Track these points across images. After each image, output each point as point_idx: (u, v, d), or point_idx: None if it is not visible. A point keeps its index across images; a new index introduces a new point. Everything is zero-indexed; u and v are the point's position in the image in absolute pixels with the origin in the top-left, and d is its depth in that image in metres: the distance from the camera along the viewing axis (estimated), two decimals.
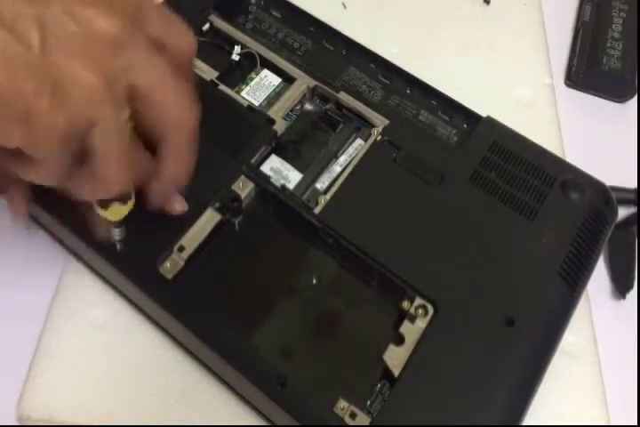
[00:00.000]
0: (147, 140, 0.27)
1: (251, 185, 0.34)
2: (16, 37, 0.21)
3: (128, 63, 0.23)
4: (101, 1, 0.22)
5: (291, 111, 0.38)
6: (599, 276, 0.42)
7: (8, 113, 0.21)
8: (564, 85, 0.52)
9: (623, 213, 0.44)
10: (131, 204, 0.29)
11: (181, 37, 0.26)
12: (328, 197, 0.34)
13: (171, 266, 0.31)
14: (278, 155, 0.36)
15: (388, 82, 0.40)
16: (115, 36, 0.22)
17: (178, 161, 0.28)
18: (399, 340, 0.31)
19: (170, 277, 0.31)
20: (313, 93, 0.39)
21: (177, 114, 0.26)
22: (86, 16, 0.22)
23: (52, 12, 0.21)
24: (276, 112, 0.37)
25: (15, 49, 0.21)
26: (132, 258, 0.32)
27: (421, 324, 0.31)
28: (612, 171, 0.40)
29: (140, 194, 0.30)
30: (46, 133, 0.22)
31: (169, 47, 0.25)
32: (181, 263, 0.32)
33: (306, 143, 0.37)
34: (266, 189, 0.34)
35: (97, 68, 0.22)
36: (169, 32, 0.25)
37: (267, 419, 0.33)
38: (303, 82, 0.38)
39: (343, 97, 0.38)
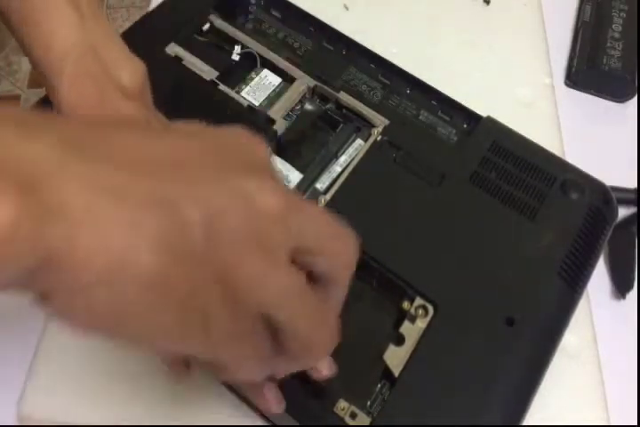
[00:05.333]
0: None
1: None
2: (179, 227, 0.18)
3: (295, 231, 0.20)
4: (262, 174, 0.20)
5: (291, 111, 0.38)
6: (599, 276, 0.42)
7: (189, 317, 0.18)
8: (564, 85, 0.52)
9: (623, 213, 0.44)
10: None
11: (342, 243, 0.23)
12: (328, 197, 0.34)
13: None
14: (278, 155, 0.36)
15: (388, 82, 0.40)
16: (279, 211, 0.19)
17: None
18: (399, 340, 0.31)
19: None
20: (313, 93, 0.39)
21: (344, 267, 0.23)
22: (248, 191, 0.19)
23: (212, 191, 0.18)
24: (276, 112, 0.37)
25: (181, 241, 0.18)
26: None
27: (421, 324, 0.31)
28: (612, 171, 0.40)
29: None
30: (225, 337, 0.20)
31: (326, 253, 0.22)
32: None
33: (306, 143, 0.37)
34: None
35: (265, 252, 0.19)
36: (328, 238, 0.22)
37: (267, 419, 0.33)
38: (303, 82, 0.38)
39: (343, 97, 0.38)
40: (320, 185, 0.35)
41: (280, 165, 0.36)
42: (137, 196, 0.17)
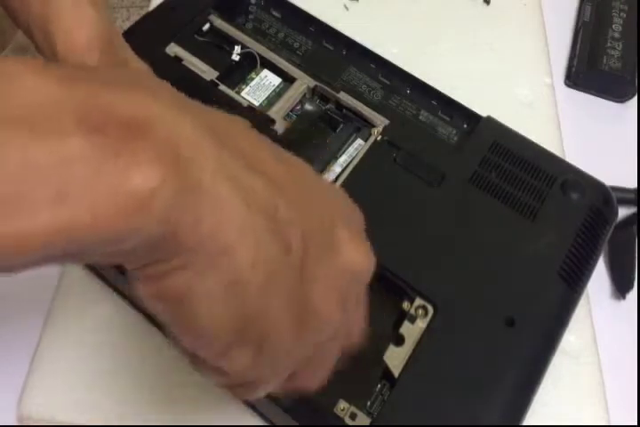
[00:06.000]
0: None
1: None
2: (283, 247, 0.18)
3: (357, 302, 0.23)
4: (362, 236, 0.22)
5: (291, 111, 0.38)
6: (599, 276, 0.42)
7: (246, 330, 0.19)
8: (564, 85, 0.52)
9: (623, 213, 0.44)
10: None
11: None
12: None
13: None
14: None
15: (387, 82, 0.40)
16: (364, 275, 0.21)
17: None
18: (399, 340, 0.31)
19: None
20: (313, 93, 0.39)
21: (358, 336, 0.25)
22: (349, 246, 0.20)
23: (318, 228, 0.19)
24: (276, 112, 0.37)
25: (279, 260, 0.18)
26: None
27: (421, 324, 0.31)
28: (612, 171, 0.40)
29: None
30: (275, 357, 0.20)
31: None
32: None
33: (306, 143, 0.37)
34: None
35: (340, 304, 0.20)
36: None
37: (267, 419, 0.33)
38: (303, 82, 0.38)
39: (343, 97, 0.38)
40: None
41: None
42: (263, 202, 0.18)
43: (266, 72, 0.39)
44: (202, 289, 0.17)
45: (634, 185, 0.46)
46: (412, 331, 0.31)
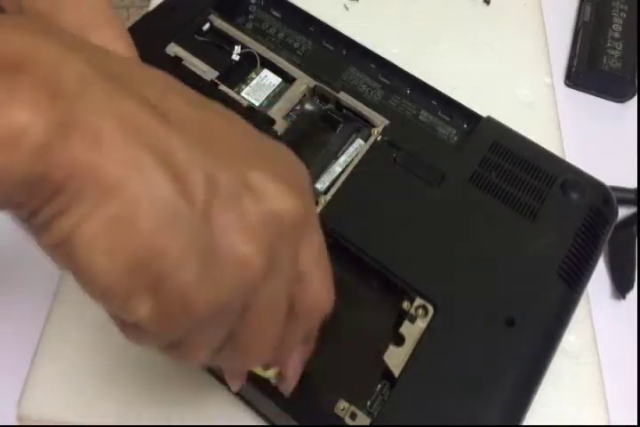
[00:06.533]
0: None
1: None
2: (179, 188, 0.17)
3: (298, 249, 0.20)
4: (287, 178, 0.19)
5: (291, 111, 0.38)
6: (599, 276, 0.42)
7: (137, 274, 0.17)
8: (564, 85, 0.52)
9: (623, 213, 0.44)
10: None
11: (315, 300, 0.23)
12: (328, 197, 0.34)
13: None
14: None
15: (388, 82, 0.40)
16: (290, 219, 0.19)
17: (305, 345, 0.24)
18: (399, 340, 0.31)
19: None
20: (313, 93, 0.39)
21: (322, 301, 0.23)
22: (264, 190, 0.19)
23: (228, 174, 0.18)
24: (276, 112, 0.37)
25: (172, 201, 0.17)
26: None
27: (421, 324, 0.31)
28: (612, 171, 0.40)
29: None
30: (178, 308, 0.18)
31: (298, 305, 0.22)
32: None
33: (306, 143, 0.37)
34: None
35: (260, 251, 0.18)
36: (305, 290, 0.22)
37: (267, 419, 0.33)
38: (303, 82, 0.38)
39: (343, 97, 0.38)
40: (320, 185, 0.35)
41: None
42: (152, 140, 0.17)
43: (266, 72, 0.39)
44: (87, 232, 0.17)
45: (634, 185, 0.46)
46: (412, 331, 0.31)
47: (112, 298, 0.18)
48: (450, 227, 0.34)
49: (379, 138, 0.36)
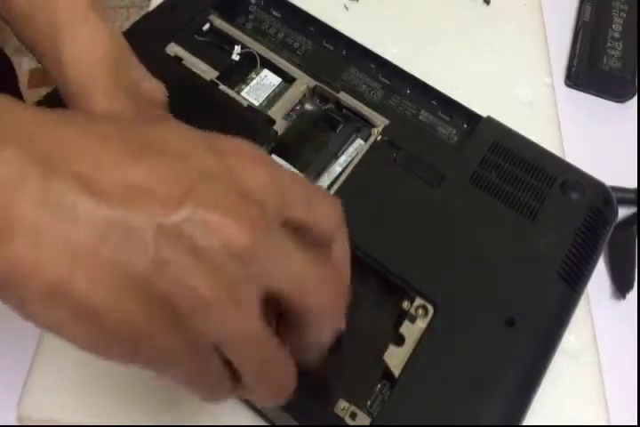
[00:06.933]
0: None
1: None
2: (127, 259, 0.17)
3: (264, 270, 0.19)
4: (235, 205, 0.19)
5: (291, 111, 0.38)
6: (599, 276, 0.42)
7: (116, 343, 0.18)
8: (564, 85, 0.52)
9: (623, 213, 0.44)
10: None
11: (327, 217, 0.22)
12: None
13: None
14: (278, 155, 0.36)
15: (388, 82, 0.40)
16: (243, 248, 0.18)
17: (317, 344, 0.23)
18: (399, 340, 0.31)
19: None
20: (313, 93, 0.39)
21: (324, 307, 0.21)
22: (212, 226, 0.18)
23: (171, 219, 0.18)
24: (276, 112, 0.37)
25: (124, 273, 0.17)
26: None
27: (421, 324, 0.31)
28: (612, 171, 0.40)
29: None
30: (157, 359, 0.19)
31: (311, 227, 0.22)
32: None
33: (306, 143, 0.37)
34: None
35: (222, 285, 0.18)
36: (311, 212, 0.22)
37: (267, 419, 0.33)
38: (303, 82, 0.38)
39: (343, 97, 0.38)
40: (320, 185, 0.35)
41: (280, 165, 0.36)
42: (91, 222, 0.17)
43: (266, 72, 0.39)
44: (53, 319, 0.18)
45: (634, 185, 0.46)
46: (412, 331, 0.31)
47: (108, 359, 0.20)
48: (450, 227, 0.34)
49: (379, 138, 0.36)
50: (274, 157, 0.36)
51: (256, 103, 0.38)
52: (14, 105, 0.19)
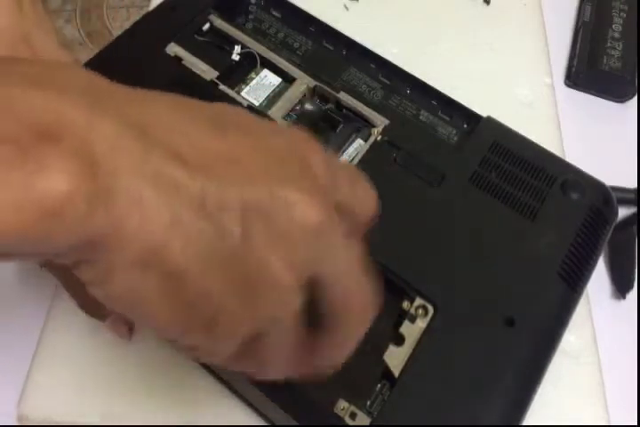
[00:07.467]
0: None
1: None
2: (217, 230, 0.18)
3: (321, 254, 0.20)
4: (307, 184, 0.20)
5: (291, 111, 0.38)
6: (599, 276, 0.42)
7: (192, 316, 0.19)
8: (564, 85, 0.52)
9: (623, 213, 0.44)
10: None
11: (366, 201, 0.24)
12: None
13: None
14: None
15: (388, 82, 0.40)
16: (315, 225, 0.19)
17: (340, 344, 0.24)
18: (399, 340, 0.31)
19: None
20: (313, 93, 0.39)
21: (357, 303, 0.23)
22: (290, 202, 0.19)
23: (256, 194, 0.18)
24: (276, 112, 0.37)
25: (214, 244, 0.18)
26: None
27: (421, 324, 0.31)
28: (612, 171, 0.40)
29: None
30: (228, 335, 0.19)
31: (354, 211, 0.23)
32: None
33: None
34: None
35: (292, 265, 0.19)
36: (356, 196, 0.23)
37: (267, 419, 0.33)
38: (303, 82, 0.38)
39: (343, 97, 0.38)
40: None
41: None
42: (188, 193, 0.17)
43: (266, 72, 0.39)
44: (140, 288, 0.18)
45: (634, 185, 0.46)
46: (411, 331, 0.31)
47: (169, 334, 0.20)
48: (450, 227, 0.34)
49: (379, 138, 0.36)
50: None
51: (256, 103, 0.38)
52: (103, 81, 0.19)
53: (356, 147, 0.37)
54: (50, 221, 0.16)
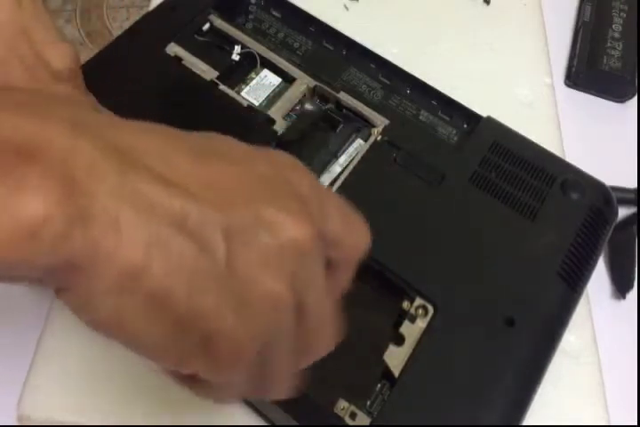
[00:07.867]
0: None
1: None
2: (201, 248, 0.18)
3: (310, 274, 0.20)
4: (293, 205, 0.20)
5: (291, 111, 0.38)
6: (599, 276, 0.42)
7: (186, 338, 0.18)
8: (564, 85, 0.52)
9: (623, 213, 0.44)
10: None
11: (358, 236, 0.24)
12: None
13: None
14: None
15: (388, 82, 0.40)
16: (301, 242, 0.19)
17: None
18: (399, 340, 0.31)
19: None
20: (313, 93, 0.39)
21: (358, 255, 0.23)
22: (276, 222, 0.19)
23: (240, 218, 0.18)
24: (276, 112, 0.37)
25: (198, 262, 0.18)
26: None
27: (421, 324, 0.31)
28: (612, 171, 0.40)
29: None
30: (233, 358, 0.19)
31: (342, 243, 0.23)
32: None
33: (306, 143, 0.37)
34: None
35: (281, 276, 0.19)
36: (346, 229, 0.23)
37: (267, 419, 0.33)
38: (303, 82, 0.38)
39: (343, 97, 0.38)
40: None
41: None
42: (167, 211, 0.17)
43: (266, 72, 0.39)
44: (124, 312, 0.17)
45: (634, 185, 0.46)
46: (412, 331, 0.31)
47: (166, 361, 0.19)
48: (450, 227, 0.34)
49: (379, 138, 0.36)
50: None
51: (256, 103, 0.38)
52: (89, 109, 0.19)
53: (356, 147, 0.37)
54: (27, 243, 0.15)
